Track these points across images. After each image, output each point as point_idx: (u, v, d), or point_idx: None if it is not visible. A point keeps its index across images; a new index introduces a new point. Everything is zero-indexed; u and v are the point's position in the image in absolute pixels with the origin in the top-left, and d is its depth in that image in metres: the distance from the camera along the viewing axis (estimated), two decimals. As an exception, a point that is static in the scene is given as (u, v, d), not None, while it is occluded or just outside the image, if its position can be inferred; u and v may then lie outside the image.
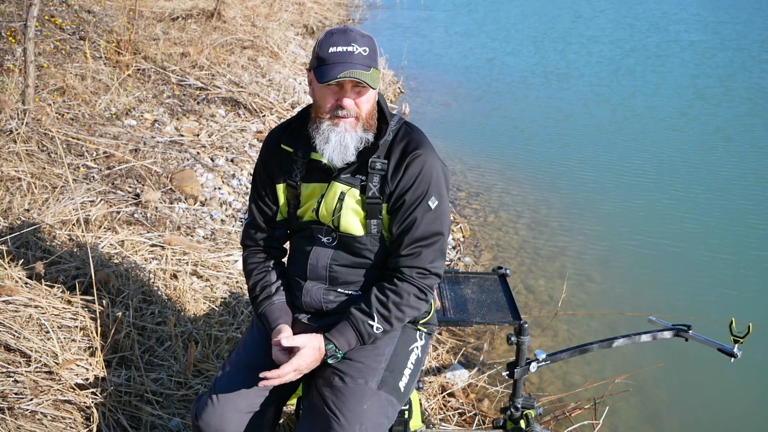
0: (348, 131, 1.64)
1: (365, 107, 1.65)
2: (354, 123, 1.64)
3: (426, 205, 1.69)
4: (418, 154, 1.69)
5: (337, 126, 1.64)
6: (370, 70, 1.60)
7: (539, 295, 3.89)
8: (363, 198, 1.71)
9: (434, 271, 1.73)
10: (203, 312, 2.93)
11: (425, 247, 1.71)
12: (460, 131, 6.91)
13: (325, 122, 1.65)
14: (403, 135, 1.73)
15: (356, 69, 1.57)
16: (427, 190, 1.69)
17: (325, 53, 1.59)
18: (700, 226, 4.77)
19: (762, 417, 2.97)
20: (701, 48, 11.32)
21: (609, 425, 2.84)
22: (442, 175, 1.74)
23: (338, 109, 1.62)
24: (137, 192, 3.74)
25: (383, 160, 1.70)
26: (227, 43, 7.07)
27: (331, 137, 1.64)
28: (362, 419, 1.61)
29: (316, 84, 1.64)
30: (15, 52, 4.61)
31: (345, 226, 1.73)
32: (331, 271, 1.77)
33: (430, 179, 1.70)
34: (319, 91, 1.65)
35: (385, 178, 1.69)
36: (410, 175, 1.68)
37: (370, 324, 1.69)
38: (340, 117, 1.63)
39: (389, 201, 1.70)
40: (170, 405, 2.40)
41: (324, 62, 1.59)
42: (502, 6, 16.67)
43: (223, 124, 5.22)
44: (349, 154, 1.66)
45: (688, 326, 2.44)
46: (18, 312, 2.41)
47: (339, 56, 1.57)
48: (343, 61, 1.57)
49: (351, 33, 1.61)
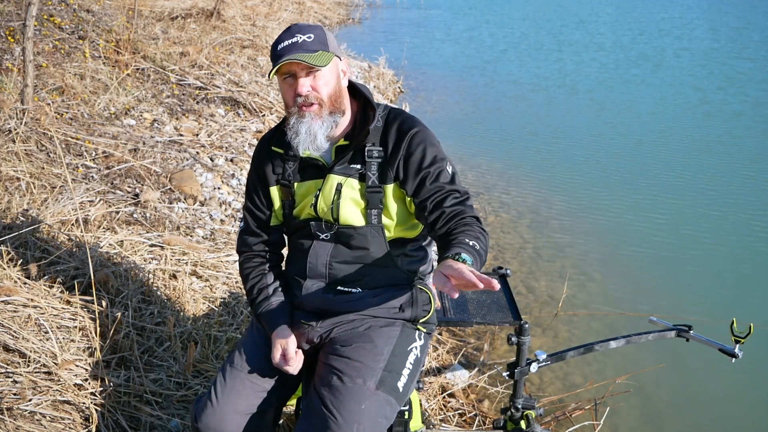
0: (314, 120, 1.66)
1: (325, 90, 1.66)
2: (318, 110, 1.66)
3: (447, 171, 1.71)
4: (415, 131, 1.71)
5: (303, 117, 1.66)
6: (316, 53, 1.63)
7: (540, 296, 3.88)
8: (363, 187, 1.71)
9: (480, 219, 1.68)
10: (203, 312, 2.92)
11: (465, 205, 1.68)
12: (460, 131, 6.91)
13: (293, 116, 1.68)
14: (393, 119, 1.75)
15: (298, 53, 1.61)
16: (442, 159, 1.71)
17: (274, 51, 1.65)
18: (701, 227, 4.76)
19: (763, 417, 2.97)
20: (701, 49, 11.31)
21: (610, 426, 2.83)
22: (441, 144, 1.76)
23: (298, 97, 1.65)
24: (136, 192, 3.73)
25: (379, 148, 1.71)
26: (227, 43, 7.07)
27: (300, 129, 1.66)
28: (360, 419, 1.60)
29: (279, 83, 1.70)
30: (14, 51, 4.60)
31: (344, 218, 1.72)
32: (330, 268, 1.76)
33: (437, 150, 1.72)
34: (281, 89, 1.70)
35: (385, 163, 1.70)
36: (419, 152, 1.69)
37: (473, 244, 1.52)
38: (303, 106, 1.65)
39: (405, 182, 1.70)
40: (169, 405, 2.39)
41: (275, 59, 1.64)
42: (502, 6, 16.66)
43: (222, 124, 5.21)
44: (320, 142, 1.68)
45: (689, 326, 2.43)
46: (17, 312, 2.40)
47: (285, 49, 1.62)
48: (288, 52, 1.62)
49: (295, 26, 1.67)
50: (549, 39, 12.24)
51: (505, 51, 11.05)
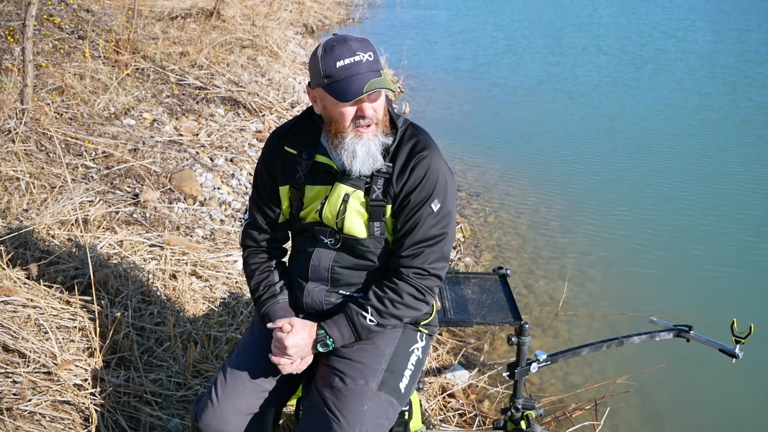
0: (371, 140, 1.63)
1: (381, 111, 1.65)
2: (375, 130, 1.63)
3: (429, 208, 1.68)
4: (423, 156, 1.68)
5: (361, 138, 1.62)
6: (381, 74, 1.59)
7: (540, 296, 3.88)
8: (367, 200, 1.70)
9: (434, 272, 1.72)
10: (202, 312, 2.92)
11: (426, 247, 1.70)
12: (460, 131, 6.90)
13: (348, 137, 1.62)
14: (409, 137, 1.72)
15: (372, 78, 1.55)
16: (432, 193, 1.68)
17: (332, 69, 1.55)
18: (701, 227, 4.76)
19: (763, 417, 2.97)
20: (702, 50, 11.32)
21: (610, 426, 2.83)
22: (446, 178, 1.72)
23: (359, 119, 1.61)
24: (136, 192, 3.73)
25: (388, 163, 1.69)
26: (226, 43, 7.06)
27: (358, 151, 1.62)
28: (362, 420, 1.60)
29: (329, 101, 1.60)
30: (13, 51, 4.59)
31: (349, 228, 1.72)
32: (332, 272, 1.76)
33: (435, 182, 1.68)
34: (335, 108, 1.61)
35: (390, 180, 1.68)
36: (416, 177, 1.67)
37: (364, 316, 1.69)
38: (362, 127, 1.61)
39: (394, 202, 1.70)
40: (169, 406, 2.39)
41: (334, 79, 1.55)
42: (502, 6, 16.67)
43: (222, 124, 5.21)
44: (378, 163, 1.65)
45: (689, 326, 2.43)
46: (16, 312, 2.40)
47: (349, 69, 1.54)
48: (354, 73, 1.54)
49: (350, 42, 1.57)
50: (549, 40, 12.24)
51: (505, 51, 11.05)
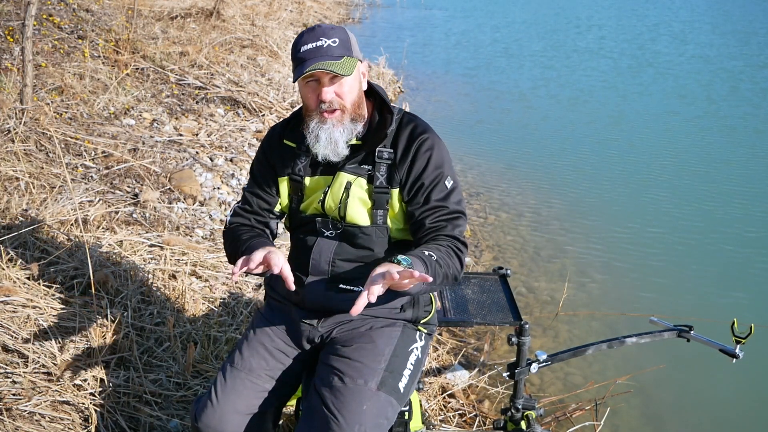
0: (336, 126, 1.65)
1: (348, 97, 1.66)
2: (340, 116, 1.65)
3: (444, 185, 1.71)
4: (425, 138, 1.72)
5: (325, 123, 1.65)
6: (341, 59, 1.61)
7: (540, 296, 3.87)
8: (371, 188, 1.72)
9: (463, 240, 1.71)
10: (202, 312, 2.91)
11: (449, 222, 1.71)
12: (460, 131, 6.90)
13: (313, 121, 1.67)
14: (406, 122, 1.75)
15: (325, 60, 1.59)
16: (443, 171, 1.72)
17: (297, 53, 1.63)
18: (701, 227, 4.76)
19: (763, 417, 2.96)
20: (702, 51, 11.31)
21: (610, 426, 2.83)
22: (449, 157, 1.77)
23: (321, 104, 1.64)
24: (136, 192, 3.73)
25: (389, 150, 1.71)
26: (226, 42, 7.06)
27: (321, 135, 1.65)
28: (361, 420, 1.60)
29: (299, 85, 1.68)
30: (13, 51, 4.59)
31: (351, 216, 1.72)
32: (333, 265, 1.76)
33: (442, 161, 1.72)
34: (302, 91, 1.68)
35: (393, 166, 1.71)
36: (422, 159, 1.70)
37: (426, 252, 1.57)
38: (325, 112, 1.64)
39: (404, 187, 1.72)
40: (169, 406, 2.38)
41: (297, 62, 1.63)
42: (502, 6, 16.66)
43: (222, 124, 5.20)
44: (341, 149, 1.67)
45: (689, 327, 2.43)
46: (16, 312, 2.40)
47: (310, 52, 1.60)
48: (313, 56, 1.60)
49: (319, 28, 1.64)
50: (550, 40, 12.24)
51: (505, 52, 11.05)
